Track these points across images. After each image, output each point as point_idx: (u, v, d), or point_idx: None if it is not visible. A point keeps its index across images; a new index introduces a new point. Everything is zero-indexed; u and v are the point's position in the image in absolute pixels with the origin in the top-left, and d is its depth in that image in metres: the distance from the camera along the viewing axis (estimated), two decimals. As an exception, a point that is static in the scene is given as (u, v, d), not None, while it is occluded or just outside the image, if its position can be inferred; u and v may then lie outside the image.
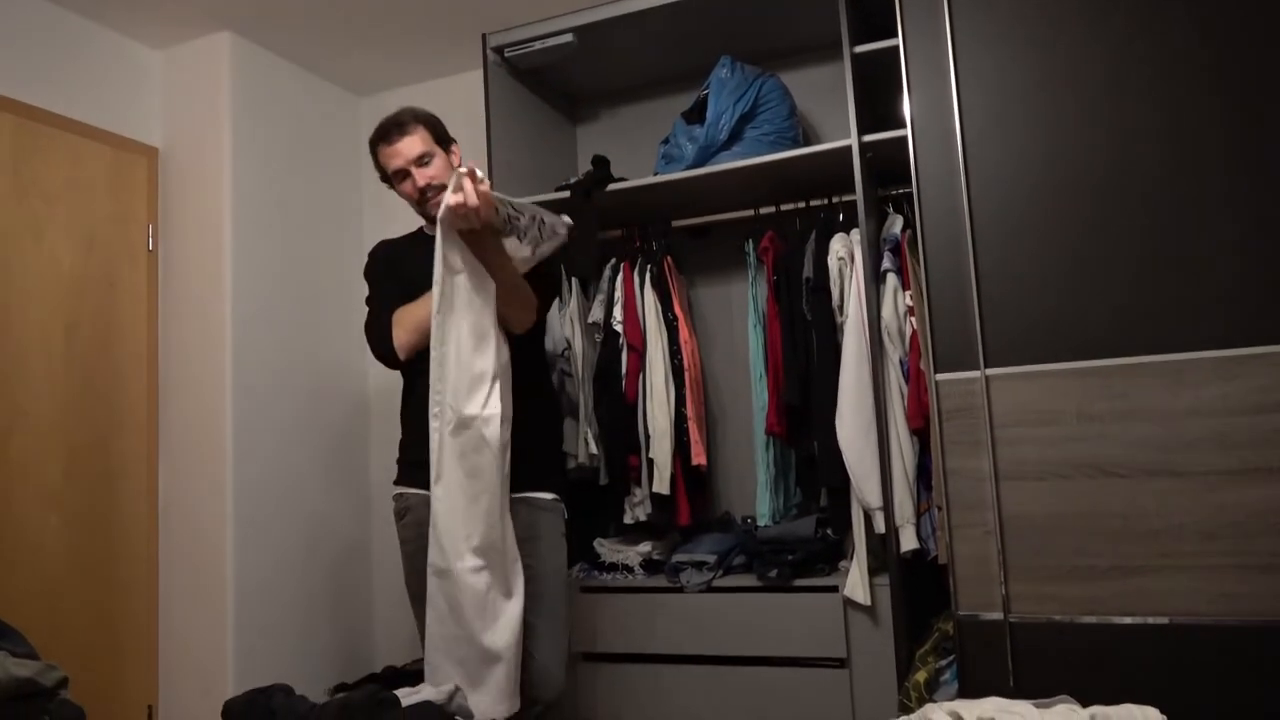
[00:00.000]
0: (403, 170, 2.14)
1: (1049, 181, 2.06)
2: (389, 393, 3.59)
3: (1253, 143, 1.91)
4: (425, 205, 2.15)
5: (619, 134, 3.24)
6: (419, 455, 2.04)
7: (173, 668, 3.02)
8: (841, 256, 2.51)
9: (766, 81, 2.71)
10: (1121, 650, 1.93)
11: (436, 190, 2.10)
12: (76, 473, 2.83)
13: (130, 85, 3.15)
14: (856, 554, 2.40)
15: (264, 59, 3.29)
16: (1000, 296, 2.07)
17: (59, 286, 2.83)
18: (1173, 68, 1.98)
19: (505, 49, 2.86)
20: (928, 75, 2.17)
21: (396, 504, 2.20)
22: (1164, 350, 1.94)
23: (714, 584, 2.56)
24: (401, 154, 2.13)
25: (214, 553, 2.98)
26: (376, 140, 2.18)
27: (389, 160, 2.15)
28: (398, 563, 2.24)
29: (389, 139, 2.14)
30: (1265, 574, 1.84)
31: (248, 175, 3.17)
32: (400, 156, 2.13)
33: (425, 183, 2.13)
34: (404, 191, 2.17)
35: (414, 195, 2.16)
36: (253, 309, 3.14)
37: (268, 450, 3.13)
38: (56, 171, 2.85)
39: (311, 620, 3.25)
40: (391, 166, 2.15)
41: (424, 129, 2.16)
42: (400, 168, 2.14)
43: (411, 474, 2.16)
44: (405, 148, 2.13)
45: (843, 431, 2.40)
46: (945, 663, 2.20)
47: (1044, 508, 2.00)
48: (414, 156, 2.13)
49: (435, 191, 2.11)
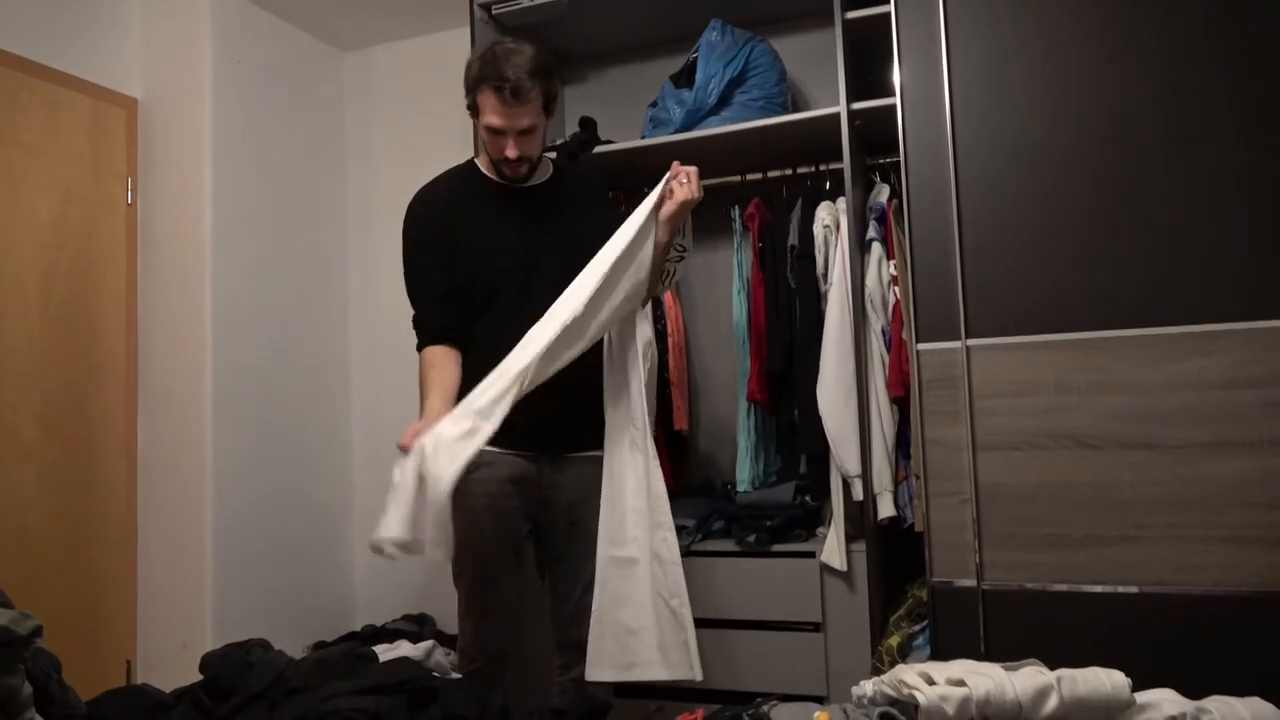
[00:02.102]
0: (501, 131, 2.00)
1: (1034, 155, 2.06)
2: (370, 345, 3.59)
3: (1245, 114, 1.92)
4: (500, 164, 2.07)
5: (607, 96, 3.21)
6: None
7: (151, 622, 3.02)
8: (827, 225, 2.51)
9: (756, 46, 2.69)
10: (1091, 618, 1.97)
11: (522, 161, 2.05)
12: (53, 425, 2.81)
13: (110, 35, 3.08)
14: (834, 520, 2.42)
15: (246, 10, 3.23)
16: (983, 268, 2.08)
17: (35, 238, 2.79)
18: (1166, 39, 1.98)
19: (493, 6, 2.81)
20: (919, 43, 2.16)
21: None
22: (1143, 324, 1.96)
23: (693, 548, 2.58)
24: (509, 119, 1.99)
25: (193, 506, 2.97)
26: (487, 83, 1.97)
27: (491, 114, 1.99)
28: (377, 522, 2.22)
29: (503, 96, 1.96)
30: (1232, 545, 1.88)
31: (229, 129, 3.12)
32: (505, 119, 1.99)
33: (518, 155, 2.02)
34: (486, 139, 2.05)
35: (499, 156, 2.05)
36: (233, 262, 3.10)
37: (248, 404, 3.12)
38: (34, 121, 2.80)
39: (291, 577, 3.25)
40: (490, 122, 2.00)
41: (540, 96, 2.01)
42: (500, 128, 2.00)
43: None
44: (517, 116, 1.98)
45: (823, 399, 2.41)
46: (918, 628, 2.24)
47: (1020, 478, 2.03)
48: (520, 128, 2.00)
49: (512, 166, 2.05)
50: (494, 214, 2.13)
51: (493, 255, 2.10)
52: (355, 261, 3.65)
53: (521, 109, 1.98)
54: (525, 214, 2.14)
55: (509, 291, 2.08)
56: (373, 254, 3.61)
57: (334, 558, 3.47)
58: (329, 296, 3.54)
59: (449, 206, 2.13)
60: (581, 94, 3.30)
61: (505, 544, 2.08)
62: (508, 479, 2.06)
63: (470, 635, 2.10)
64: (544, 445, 2.10)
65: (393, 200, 3.50)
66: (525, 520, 2.11)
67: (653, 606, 2.00)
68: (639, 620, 2.00)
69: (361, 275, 3.63)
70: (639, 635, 2.00)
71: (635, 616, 2.01)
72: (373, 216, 3.61)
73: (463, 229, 2.11)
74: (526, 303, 2.03)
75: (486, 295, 2.09)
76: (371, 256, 3.60)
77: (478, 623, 2.08)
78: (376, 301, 3.54)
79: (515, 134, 2.00)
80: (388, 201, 3.55)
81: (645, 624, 2.00)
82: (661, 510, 2.06)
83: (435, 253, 2.11)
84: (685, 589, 2.03)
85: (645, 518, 2.04)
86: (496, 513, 2.06)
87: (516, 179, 2.11)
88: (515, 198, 2.15)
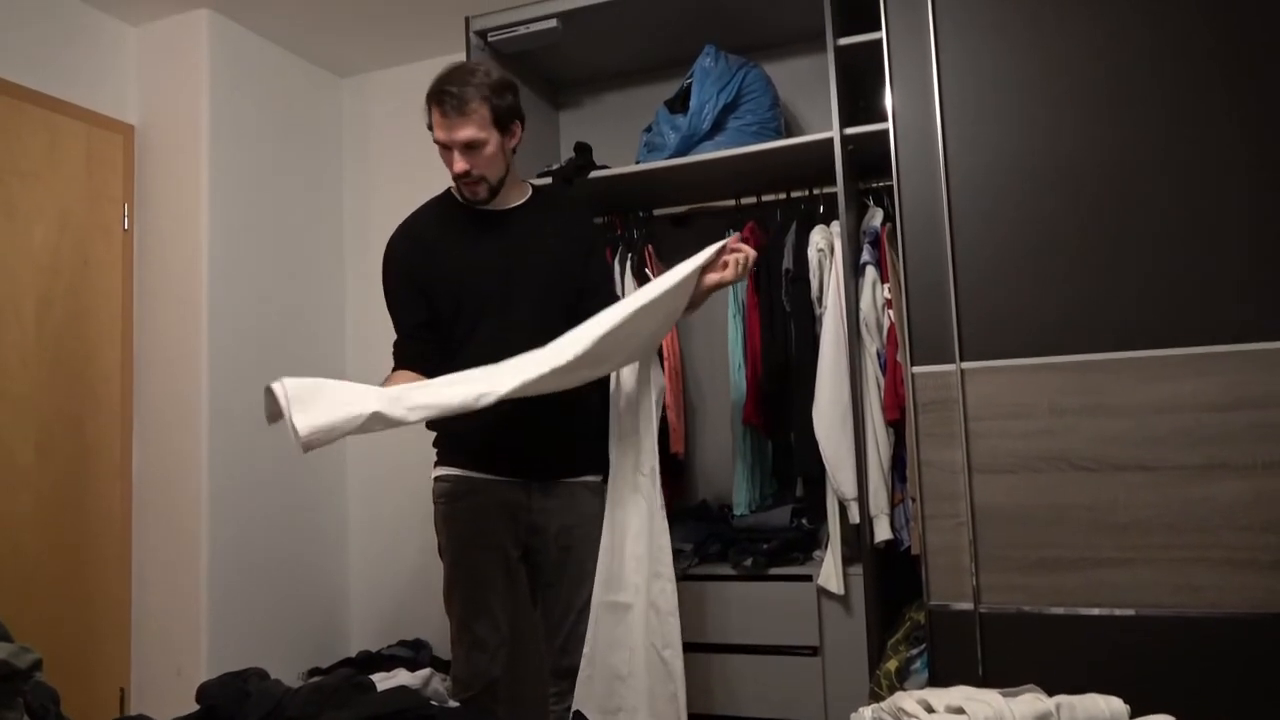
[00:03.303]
0: (445, 145, 2.00)
1: (1027, 178, 2.08)
2: (367, 372, 3.58)
3: (1238, 138, 1.94)
4: (458, 182, 2.04)
5: (602, 121, 3.23)
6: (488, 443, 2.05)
7: (146, 650, 3.00)
8: (821, 248, 2.53)
9: (750, 72, 2.72)
10: (1089, 641, 1.96)
11: (475, 180, 2.01)
12: (49, 449, 2.80)
13: (107, 61, 3.10)
14: (831, 544, 2.42)
15: (243, 37, 3.25)
16: (977, 291, 2.09)
17: (31, 263, 2.79)
18: (1159, 64, 2.00)
19: (489, 33, 2.83)
20: (910, 69, 2.18)
21: (453, 485, 2.10)
22: (1135, 347, 1.97)
23: (690, 572, 2.58)
24: (448, 131, 1.97)
25: (188, 533, 2.96)
26: (431, 99, 1.98)
27: (436, 129, 1.99)
28: (372, 545, 2.24)
29: (444, 108, 1.96)
30: (1228, 567, 1.88)
31: (226, 155, 3.14)
32: (445, 131, 1.97)
33: (465, 170, 1.99)
34: (443, 159, 2.04)
35: (452, 173, 2.03)
36: (229, 287, 3.11)
37: (243, 430, 3.11)
38: (31, 148, 2.81)
39: (287, 603, 3.24)
40: (436, 136, 2.00)
41: (486, 110, 1.96)
42: (442, 141, 1.99)
43: (474, 460, 2.09)
44: (456, 129, 1.96)
45: (819, 422, 2.42)
46: (916, 651, 2.23)
47: (1015, 500, 2.03)
48: (461, 141, 1.97)
49: (473, 181, 2.02)
50: (467, 240, 2.09)
51: (464, 280, 2.07)
52: (351, 285, 3.66)
53: (462, 120, 1.95)
54: (498, 238, 2.09)
55: (485, 315, 2.06)
56: (369, 278, 3.60)
57: (329, 583, 3.46)
58: (325, 321, 3.55)
59: (420, 240, 2.12)
60: (577, 119, 3.32)
61: (495, 571, 2.07)
62: (496, 505, 2.07)
63: (462, 663, 2.09)
64: (533, 471, 2.09)
65: (389, 224, 3.48)
66: (515, 547, 2.10)
67: (644, 655, 1.99)
68: (629, 667, 1.99)
69: (357, 299, 3.63)
70: (627, 682, 1.99)
71: (626, 662, 2.00)
72: (369, 241, 3.61)
73: (434, 260, 2.08)
74: (501, 328, 2.02)
75: (465, 322, 2.06)
76: (368, 281, 3.61)
77: (469, 650, 2.07)
78: (373, 326, 3.52)
79: (459, 148, 1.97)
80: (384, 225, 3.51)
81: (635, 671, 1.99)
82: (663, 561, 2.04)
83: (409, 287, 2.10)
84: (680, 641, 2.01)
85: (645, 565, 2.02)
86: (485, 540, 2.06)
87: (475, 200, 2.06)
88: (488, 222, 2.11)
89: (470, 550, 2.06)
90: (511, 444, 2.05)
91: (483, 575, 2.06)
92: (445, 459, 2.14)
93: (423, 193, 2.30)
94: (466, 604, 2.07)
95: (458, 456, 2.11)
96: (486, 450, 2.07)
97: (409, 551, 3.41)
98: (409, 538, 3.41)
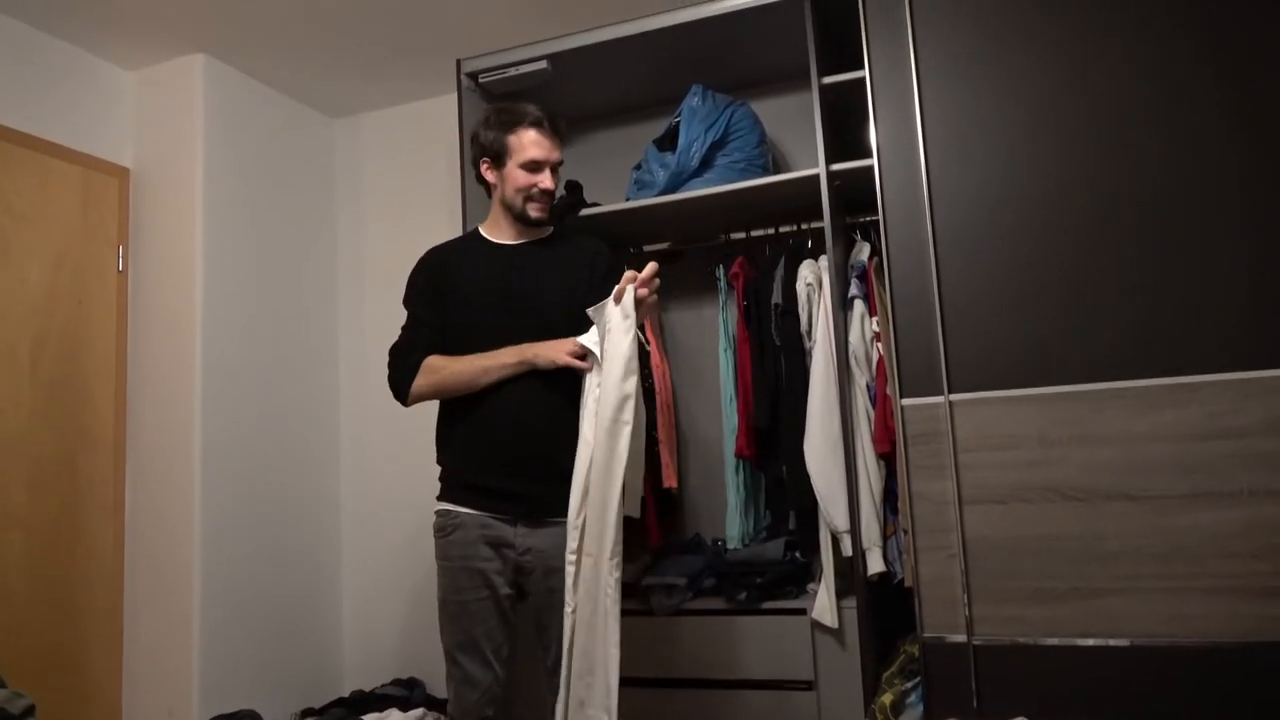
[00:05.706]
0: (541, 164, 2.17)
1: (1012, 211, 2.11)
2: (359, 408, 3.60)
3: (1222, 172, 1.97)
4: (526, 203, 2.18)
5: (592, 159, 3.27)
6: (477, 479, 2.10)
7: (137, 691, 2.97)
8: (810, 283, 2.55)
9: (737, 110, 2.76)
10: (1083, 672, 1.96)
11: (542, 197, 2.18)
12: (41, 490, 2.80)
13: (103, 106, 3.14)
14: (824, 577, 2.42)
15: (237, 81, 3.30)
16: (964, 323, 2.11)
17: (24, 304, 2.81)
18: (1141, 95, 2.04)
19: (480, 74, 2.88)
20: (893, 106, 2.22)
21: (444, 519, 2.13)
22: (1122, 377, 1.99)
23: (684, 606, 2.57)
24: (548, 151, 2.18)
25: (180, 573, 2.95)
26: (524, 121, 2.18)
27: (531, 146, 2.16)
28: (366, 584, 2.23)
29: (542, 128, 2.18)
30: (1219, 596, 1.88)
31: (220, 197, 3.17)
32: (545, 151, 2.17)
33: (551, 187, 2.19)
34: (518, 177, 2.18)
35: (530, 187, 2.17)
36: (223, 328, 3.13)
37: (236, 470, 3.11)
38: (26, 190, 2.84)
39: (279, 641, 3.22)
40: (531, 155, 2.16)
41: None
42: (541, 159, 2.17)
43: (464, 495, 2.12)
44: (553, 149, 2.19)
45: (811, 455, 2.43)
46: (911, 685, 2.23)
47: (1007, 531, 2.04)
48: (556, 161, 2.20)
49: (542, 198, 2.18)
50: (483, 267, 2.20)
51: (472, 301, 2.17)
52: (344, 326, 3.67)
53: (558, 144, 2.21)
54: (512, 269, 2.19)
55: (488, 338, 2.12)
56: (362, 318, 3.63)
57: (322, 621, 3.44)
58: (318, 361, 3.55)
59: (445, 254, 2.27)
60: (567, 157, 3.30)
61: (483, 607, 2.07)
62: (483, 541, 2.08)
63: (454, 700, 2.09)
64: (518, 508, 2.09)
65: (382, 264, 3.57)
66: (507, 585, 2.10)
67: None
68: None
69: (350, 339, 3.65)
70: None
71: None
72: (362, 281, 3.64)
73: (450, 277, 2.21)
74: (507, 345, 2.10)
75: (473, 345, 2.12)
76: (361, 321, 3.63)
77: (459, 686, 2.07)
78: (365, 365, 3.55)
79: (551, 166, 2.18)
80: (377, 265, 3.59)
81: None
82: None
83: (427, 296, 2.21)
84: None
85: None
86: (473, 576, 2.07)
87: (541, 219, 2.21)
88: (513, 254, 2.22)
89: (458, 585, 2.08)
90: (498, 480, 2.08)
91: (470, 610, 2.07)
92: (441, 494, 2.18)
93: (414, 231, 2.34)
94: (454, 639, 2.08)
95: (451, 492, 2.15)
96: (474, 486, 2.10)
97: (403, 589, 3.40)
98: (403, 576, 3.40)
